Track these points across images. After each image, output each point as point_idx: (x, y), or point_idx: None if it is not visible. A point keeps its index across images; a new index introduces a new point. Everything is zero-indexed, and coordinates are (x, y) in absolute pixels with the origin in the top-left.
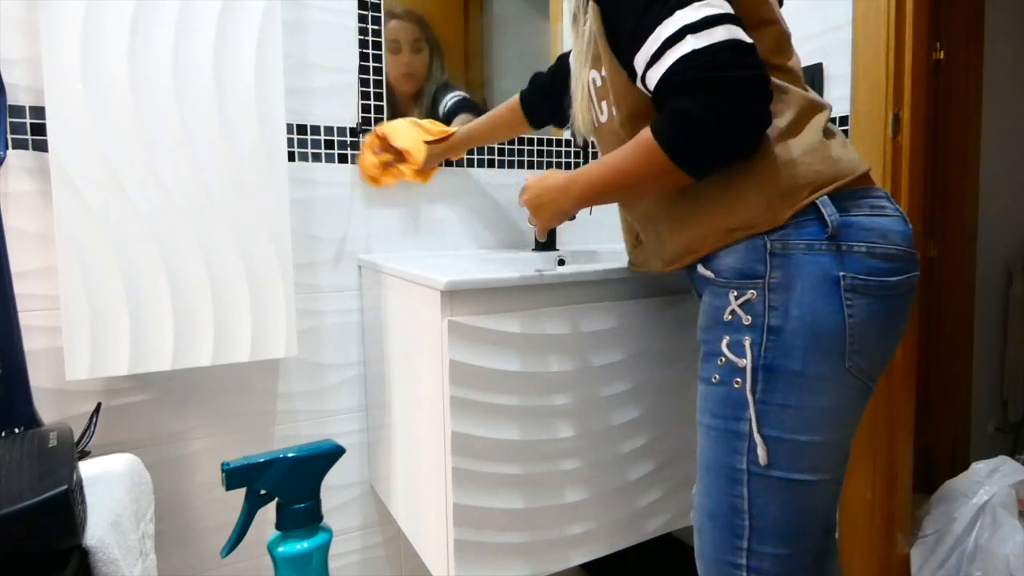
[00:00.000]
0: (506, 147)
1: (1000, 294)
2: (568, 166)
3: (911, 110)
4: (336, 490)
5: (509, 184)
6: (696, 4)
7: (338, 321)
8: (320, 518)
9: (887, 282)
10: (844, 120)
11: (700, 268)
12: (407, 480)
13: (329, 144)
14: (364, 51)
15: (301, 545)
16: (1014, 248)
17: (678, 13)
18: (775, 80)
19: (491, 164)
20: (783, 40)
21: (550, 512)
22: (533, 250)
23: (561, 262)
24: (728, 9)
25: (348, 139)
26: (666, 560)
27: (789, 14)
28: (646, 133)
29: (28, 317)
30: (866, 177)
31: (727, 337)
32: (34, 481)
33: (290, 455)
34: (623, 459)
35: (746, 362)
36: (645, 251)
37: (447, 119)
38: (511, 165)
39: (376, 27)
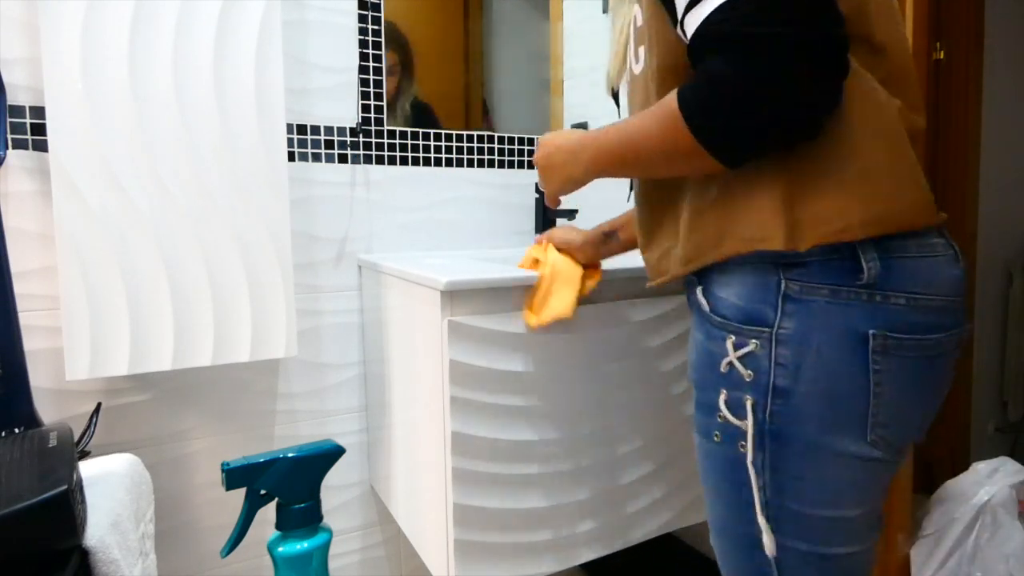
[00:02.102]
0: (506, 147)
1: (1000, 294)
2: None
3: None
4: (336, 490)
5: (509, 184)
6: None
7: (338, 321)
8: (320, 518)
9: (926, 340)
10: None
11: (699, 294)
12: (407, 480)
13: (329, 144)
14: (364, 51)
15: (301, 545)
16: (1014, 248)
17: None
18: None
19: (491, 164)
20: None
21: (550, 512)
22: None
23: None
24: None
25: (348, 139)
26: (666, 560)
27: None
28: (671, 99)
29: (28, 317)
30: (923, 225)
31: (724, 391)
32: (34, 481)
33: (290, 455)
34: (623, 459)
35: (748, 425)
36: (662, 251)
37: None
38: (511, 165)
39: (376, 27)
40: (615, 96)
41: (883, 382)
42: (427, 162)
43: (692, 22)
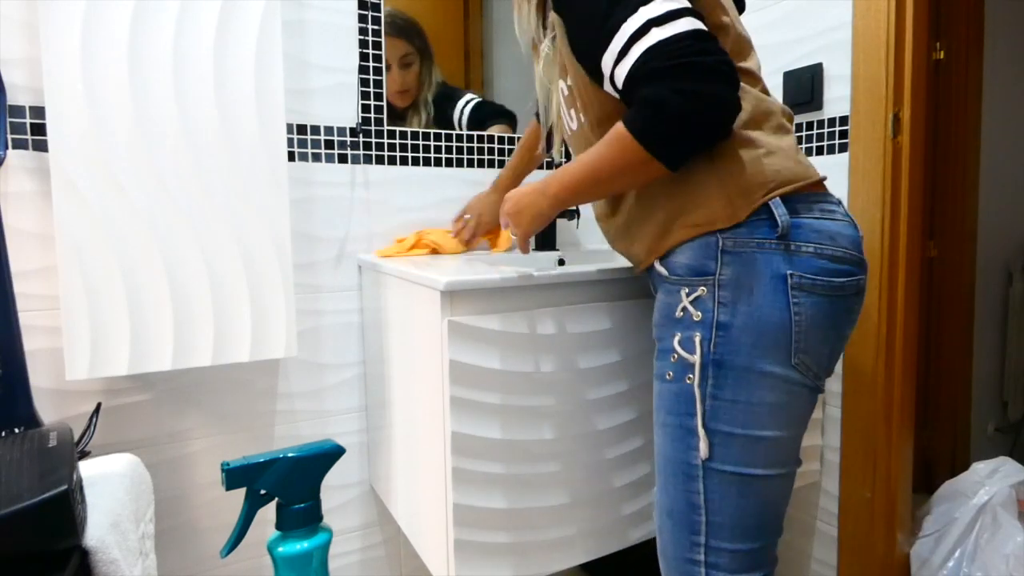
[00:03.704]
0: (506, 147)
1: (1000, 294)
2: None
3: (911, 110)
4: (336, 490)
5: None
6: (658, 0)
7: (338, 321)
8: (320, 518)
9: (833, 283)
10: (844, 120)
11: (657, 265)
12: (407, 480)
13: (329, 144)
14: (364, 51)
15: (301, 545)
16: (1014, 248)
17: (641, 9)
18: None
19: (491, 164)
20: (740, 43)
21: (550, 512)
22: (533, 250)
23: (561, 262)
24: (688, 4)
25: (348, 139)
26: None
27: (789, 14)
28: (619, 127)
29: (28, 317)
30: (819, 184)
31: (679, 334)
32: (34, 481)
33: (290, 455)
34: (623, 459)
35: (696, 358)
36: (627, 252)
37: (479, 129)
38: None
39: (376, 27)
40: (565, 144)
41: (801, 313)
42: (427, 162)
43: (622, 72)
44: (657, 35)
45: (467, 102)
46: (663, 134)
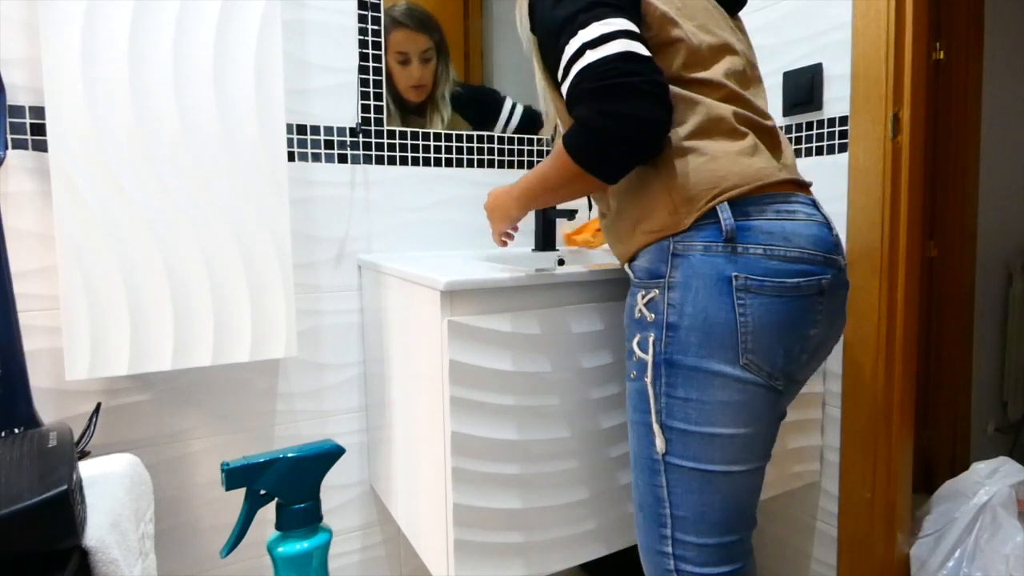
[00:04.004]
0: (505, 147)
1: (1000, 294)
2: None
3: (911, 110)
4: (336, 490)
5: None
6: (595, 24)
7: (338, 321)
8: (320, 518)
9: (785, 283)
10: (844, 120)
11: (626, 268)
12: (407, 480)
13: (329, 144)
14: (364, 51)
15: (301, 545)
16: (1014, 248)
17: (580, 33)
18: (681, 91)
19: (490, 164)
20: (699, 54)
21: (550, 512)
22: (533, 250)
23: (561, 262)
24: (627, 26)
25: (348, 139)
26: None
27: (789, 14)
28: (559, 142)
29: (28, 317)
30: (783, 184)
31: (638, 335)
32: (34, 481)
33: (290, 455)
34: (623, 459)
35: (649, 357)
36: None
37: (531, 133)
38: (511, 165)
39: (376, 27)
40: None
41: (747, 314)
42: (427, 162)
43: (564, 90)
44: (589, 57)
45: (514, 106)
46: (590, 152)
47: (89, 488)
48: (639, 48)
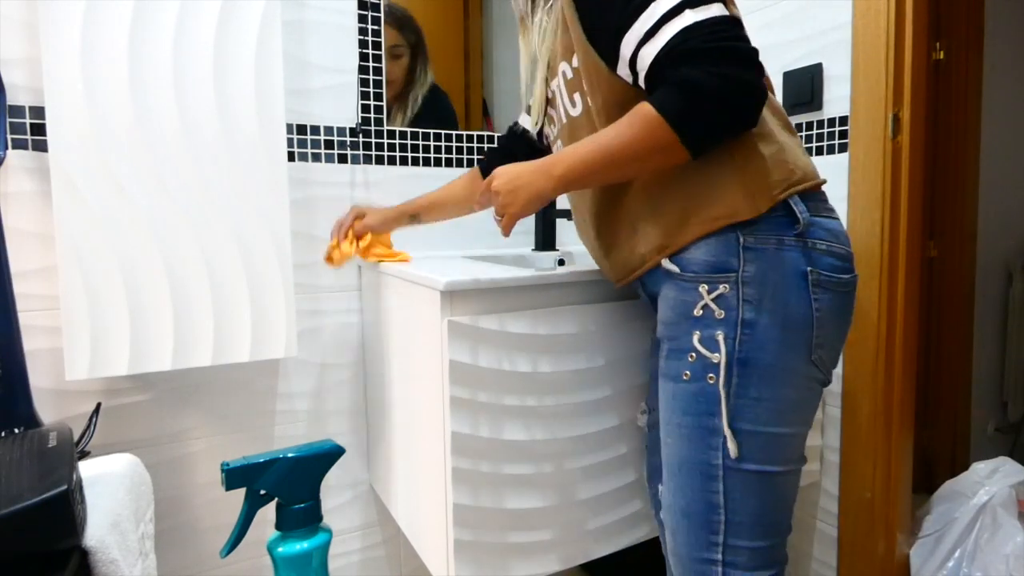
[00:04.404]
0: None
1: (1000, 294)
2: None
3: (911, 110)
4: (336, 490)
5: None
6: None
7: (338, 321)
8: (320, 518)
9: (842, 279)
10: (844, 120)
11: (666, 263)
12: (407, 480)
13: (329, 144)
14: (364, 51)
15: (301, 545)
16: (1014, 248)
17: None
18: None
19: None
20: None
21: (550, 512)
22: (533, 250)
23: (561, 262)
24: None
25: (348, 139)
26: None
27: (789, 14)
28: (644, 107)
29: (28, 317)
30: (822, 183)
31: (698, 332)
32: (34, 481)
33: (290, 455)
34: (623, 459)
35: (720, 356)
36: (615, 256)
37: None
38: None
39: (376, 27)
40: (539, 135)
41: (821, 310)
42: (427, 162)
43: (649, 52)
44: (692, 16)
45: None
46: (698, 117)
47: (89, 488)
48: (738, 15)
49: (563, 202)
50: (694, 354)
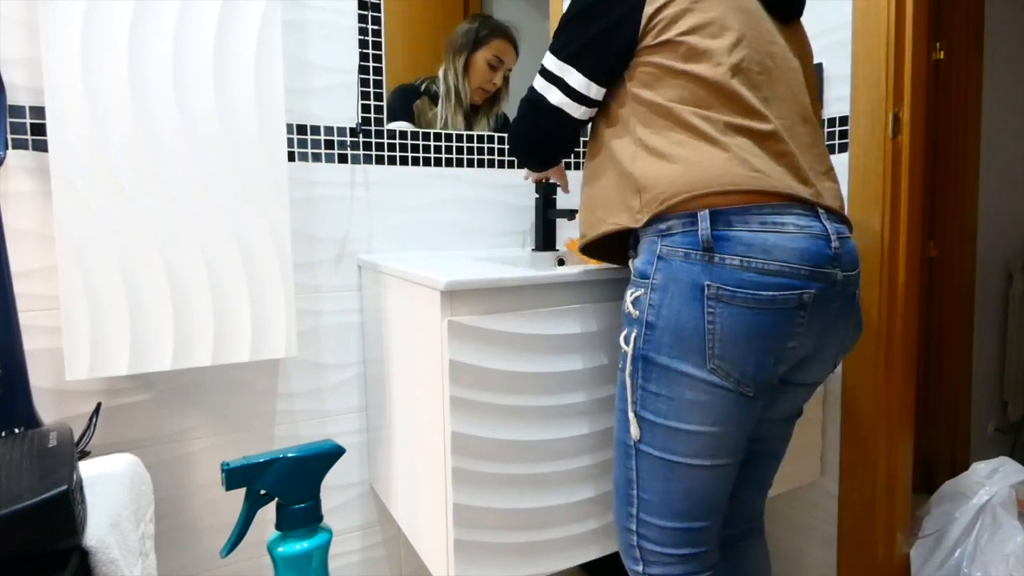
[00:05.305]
0: (505, 147)
1: (1000, 294)
2: (578, 166)
3: (911, 110)
4: (336, 490)
5: (509, 184)
6: (550, 56)
7: (338, 321)
8: (320, 518)
9: (759, 295)
10: (844, 120)
11: (630, 263)
12: (407, 480)
13: (329, 144)
14: (364, 51)
15: (301, 545)
16: (1014, 248)
17: (547, 54)
18: (656, 100)
19: (491, 164)
20: (694, 52)
21: (550, 512)
22: (533, 250)
23: (561, 262)
24: (575, 70)
25: (348, 139)
26: None
27: None
28: None
29: (28, 317)
30: (775, 195)
31: (625, 329)
32: (34, 481)
33: (290, 455)
34: None
35: (629, 351)
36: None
37: None
38: (511, 165)
39: (376, 27)
40: None
41: (716, 323)
42: (427, 162)
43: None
44: (534, 82)
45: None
46: (512, 149)
47: (89, 488)
48: (557, 103)
49: (564, 202)
50: (622, 348)
